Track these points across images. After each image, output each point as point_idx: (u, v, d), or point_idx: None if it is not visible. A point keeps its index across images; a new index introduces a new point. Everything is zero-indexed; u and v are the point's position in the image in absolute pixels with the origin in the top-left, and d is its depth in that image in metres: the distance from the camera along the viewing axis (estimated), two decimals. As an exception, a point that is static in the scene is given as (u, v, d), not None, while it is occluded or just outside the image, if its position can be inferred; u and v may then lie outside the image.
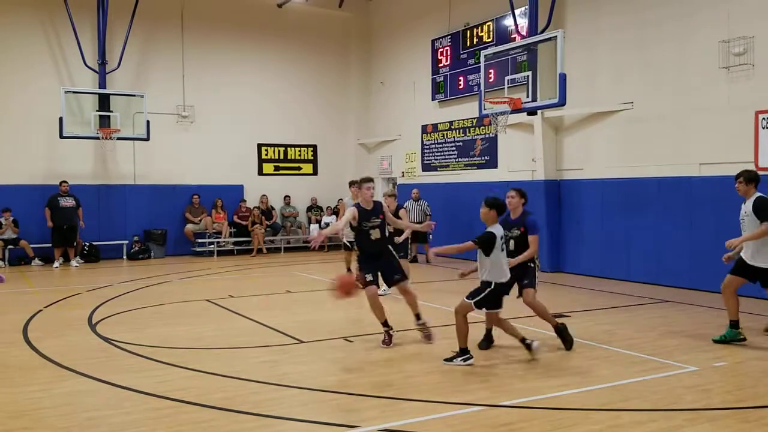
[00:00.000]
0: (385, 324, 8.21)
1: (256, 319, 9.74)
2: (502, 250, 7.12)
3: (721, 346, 7.86)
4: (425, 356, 7.64)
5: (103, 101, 17.49)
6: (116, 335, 8.61)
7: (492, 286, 7.06)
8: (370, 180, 8.46)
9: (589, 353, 7.68)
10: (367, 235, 8.24)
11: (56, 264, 16.86)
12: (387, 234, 8.50)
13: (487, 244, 7.00)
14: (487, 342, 7.94)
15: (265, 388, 6.36)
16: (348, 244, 13.48)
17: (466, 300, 7.14)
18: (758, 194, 7.88)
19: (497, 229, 7.12)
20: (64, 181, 17.26)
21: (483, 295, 7.07)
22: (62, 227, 16.81)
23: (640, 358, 7.39)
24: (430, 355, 7.68)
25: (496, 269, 7.06)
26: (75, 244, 17.22)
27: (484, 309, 7.29)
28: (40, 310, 10.52)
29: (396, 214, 10.61)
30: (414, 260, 15.93)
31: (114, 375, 6.73)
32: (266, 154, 21.08)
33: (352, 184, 12.97)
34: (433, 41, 18.87)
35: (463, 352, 7.13)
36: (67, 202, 17.04)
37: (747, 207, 7.89)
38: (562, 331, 7.91)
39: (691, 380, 6.56)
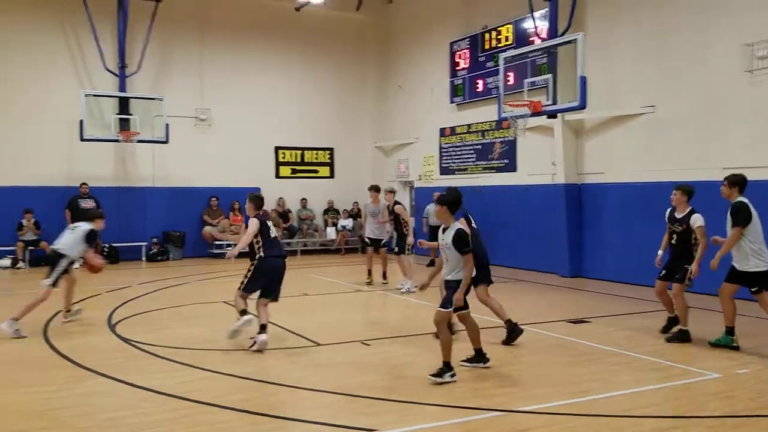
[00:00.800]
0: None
1: (273, 322, 9.69)
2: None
3: (745, 353, 7.73)
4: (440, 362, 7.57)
5: (123, 104, 17.62)
6: (135, 336, 8.64)
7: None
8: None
9: (610, 359, 7.58)
10: None
11: (76, 265, 16.90)
12: None
13: (468, 244, 6.60)
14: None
15: (282, 390, 6.34)
16: (367, 240, 13.61)
17: (443, 309, 6.62)
18: (739, 199, 7.94)
19: (459, 225, 6.73)
20: (84, 183, 17.41)
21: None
22: None
23: (662, 364, 7.29)
24: (454, 359, 7.61)
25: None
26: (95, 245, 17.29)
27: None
28: (60, 311, 10.57)
29: (392, 210, 12.87)
30: (431, 264, 15.79)
31: (133, 375, 6.74)
32: (283, 157, 21.12)
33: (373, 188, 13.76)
34: (451, 44, 18.82)
35: (448, 366, 6.58)
36: (87, 203, 17.16)
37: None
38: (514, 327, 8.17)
39: (715, 387, 6.46)
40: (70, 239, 9.25)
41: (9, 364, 7.33)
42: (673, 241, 8.59)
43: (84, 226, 9.39)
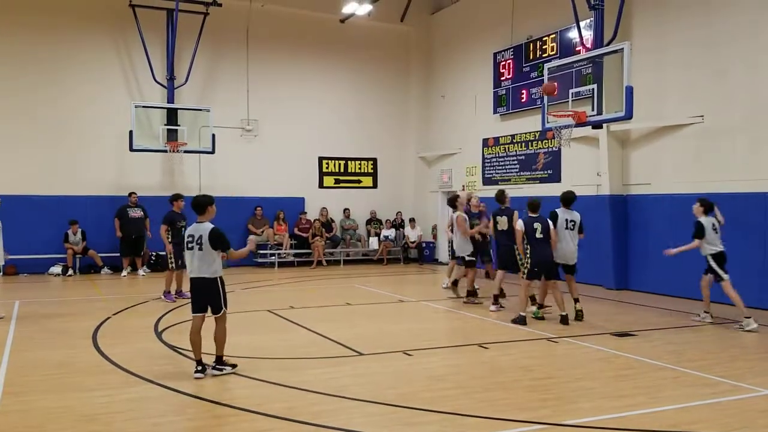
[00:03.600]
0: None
1: (317, 331, 9.80)
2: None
3: (798, 370, 7.51)
4: (488, 372, 7.54)
5: (171, 115, 18.02)
6: (181, 343, 8.79)
7: None
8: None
9: (656, 373, 7.44)
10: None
11: (124, 273, 17.37)
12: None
13: None
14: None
15: (325, 399, 6.38)
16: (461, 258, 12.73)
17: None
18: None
19: None
20: (133, 193, 17.84)
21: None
22: (131, 237, 17.38)
23: (711, 379, 7.12)
24: (492, 370, 7.58)
25: None
26: (142, 253, 17.74)
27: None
28: (109, 318, 10.84)
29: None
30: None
31: (179, 382, 6.87)
32: (327, 167, 21.31)
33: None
34: (495, 54, 18.77)
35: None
36: (136, 213, 17.59)
37: None
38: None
39: (765, 404, 6.28)
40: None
41: (60, 369, 7.53)
42: None
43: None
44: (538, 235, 10.32)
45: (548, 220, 10.58)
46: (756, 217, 11.97)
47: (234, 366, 7.37)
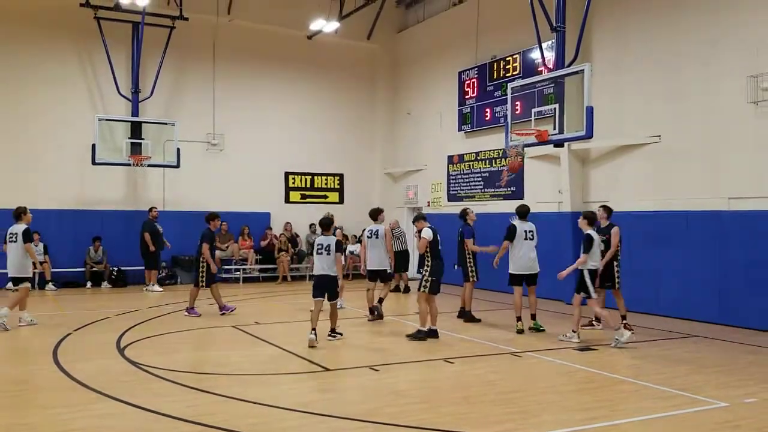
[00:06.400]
0: None
1: (282, 346, 9.78)
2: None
3: (753, 382, 7.74)
4: (453, 387, 7.63)
5: (135, 129, 17.87)
6: (144, 359, 8.70)
7: None
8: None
9: (617, 387, 7.61)
10: None
11: (151, 287, 17.16)
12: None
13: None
14: None
15: (292, 415, 6.38)
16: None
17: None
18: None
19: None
20: (154, 207, 17.78)
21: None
22: (157, 252, 17.31)
23: (669, 392, 7.30)
24: (458, 385, 7.67)
25: None
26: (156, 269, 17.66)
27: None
28: (69, 334, 10.66)
29: None
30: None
31: (143, 398, 6.80)
32: (293, 183, 21.32)
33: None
34: (459, 73, 19.04)
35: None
36: (160, 227, 17.45)
37: None
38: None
39: (722, 416, 6.47)
40: None
41: (24, 385, 7.41)
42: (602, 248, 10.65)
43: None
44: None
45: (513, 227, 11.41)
46: (711, 236, 12.33)
47: (341, 334, 10.31)
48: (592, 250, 10.24)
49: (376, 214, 13.01)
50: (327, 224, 10.35)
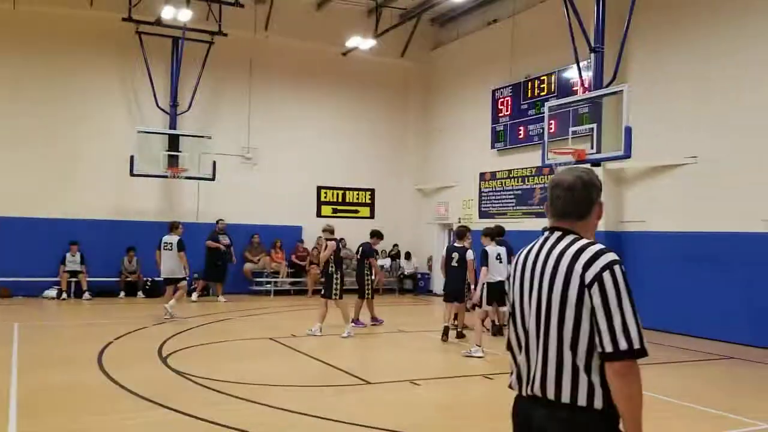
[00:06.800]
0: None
1: (320, 358, 9.89)
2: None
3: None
4: (492, 404, 7.67)
5: (173, 141, 18.22)
6: (188, 369, 8.85)
7: None
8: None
9: (660, 407, 7.60)
10: None
11: (220, 297, 17.84)
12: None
13: None
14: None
15: (342, 427, 6.47)
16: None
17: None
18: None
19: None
20: (221, 219, 18.30)
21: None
22: (216, 263, 17.92)
23: (713, 413, 7.28)
24: (497, 403, 7.70)
25: None
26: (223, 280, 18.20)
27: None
28: (111, 342, 10.86)
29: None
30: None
31: (193, 407, 6.92)
32: (325, 197, 21.52)
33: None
34: (493, 91, 19.15)
35: None
36: (225, 240, 17.92)
37: None
38: None
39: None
40: None
41: (73, 391, 7.58)
42: None
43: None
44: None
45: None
46: (746, 258, 12.24)
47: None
48: (489, 263, 10.92)
49: (463, 234, 11.82)
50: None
